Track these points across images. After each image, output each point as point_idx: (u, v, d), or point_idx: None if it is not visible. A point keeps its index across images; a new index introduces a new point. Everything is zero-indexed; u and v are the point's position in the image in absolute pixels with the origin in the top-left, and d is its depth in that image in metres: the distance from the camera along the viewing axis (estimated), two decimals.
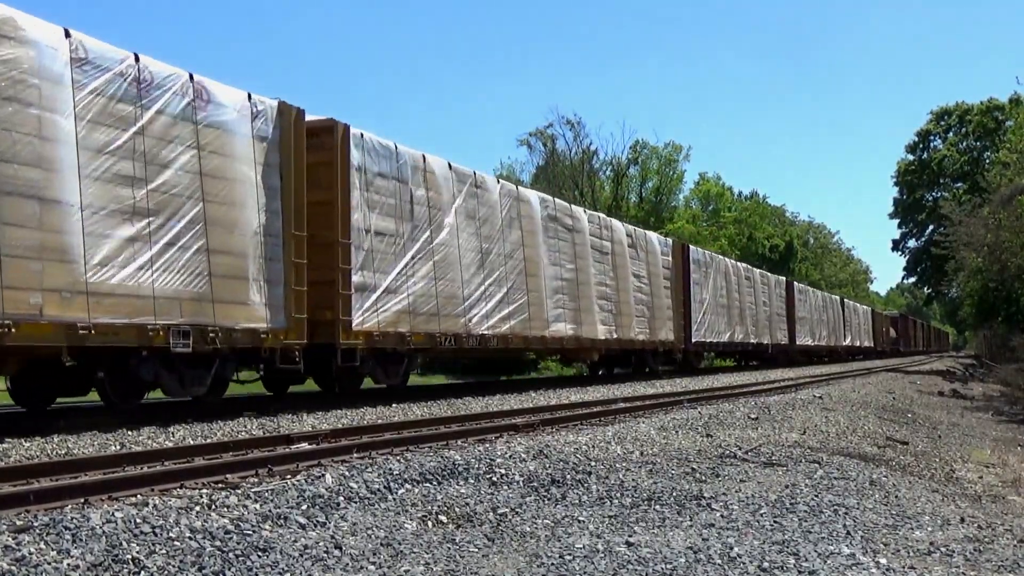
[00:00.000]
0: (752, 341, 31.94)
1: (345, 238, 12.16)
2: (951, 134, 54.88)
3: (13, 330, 7.79)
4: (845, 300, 51.12)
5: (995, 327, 44.02)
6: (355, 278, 12.25)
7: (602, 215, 22.53)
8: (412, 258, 13.45)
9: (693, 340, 25.88)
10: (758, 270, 35.75)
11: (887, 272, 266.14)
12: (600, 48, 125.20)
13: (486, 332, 15.18)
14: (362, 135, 12.61)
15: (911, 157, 57.07)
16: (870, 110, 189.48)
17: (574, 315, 18.51)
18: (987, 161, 45.49)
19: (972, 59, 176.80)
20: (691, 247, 27.70)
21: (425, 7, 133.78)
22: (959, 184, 48.71)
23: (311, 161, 11.74)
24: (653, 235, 24.71)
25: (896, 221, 59.80)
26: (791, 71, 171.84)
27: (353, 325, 12.15)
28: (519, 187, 17.48)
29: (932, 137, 56.23)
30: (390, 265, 12.96)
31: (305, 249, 11.42)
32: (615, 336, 20.59)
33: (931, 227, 52.92)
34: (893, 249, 61.30)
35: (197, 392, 10.45)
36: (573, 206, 19.97)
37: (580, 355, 20.79)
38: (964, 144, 53.56)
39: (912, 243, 58.93)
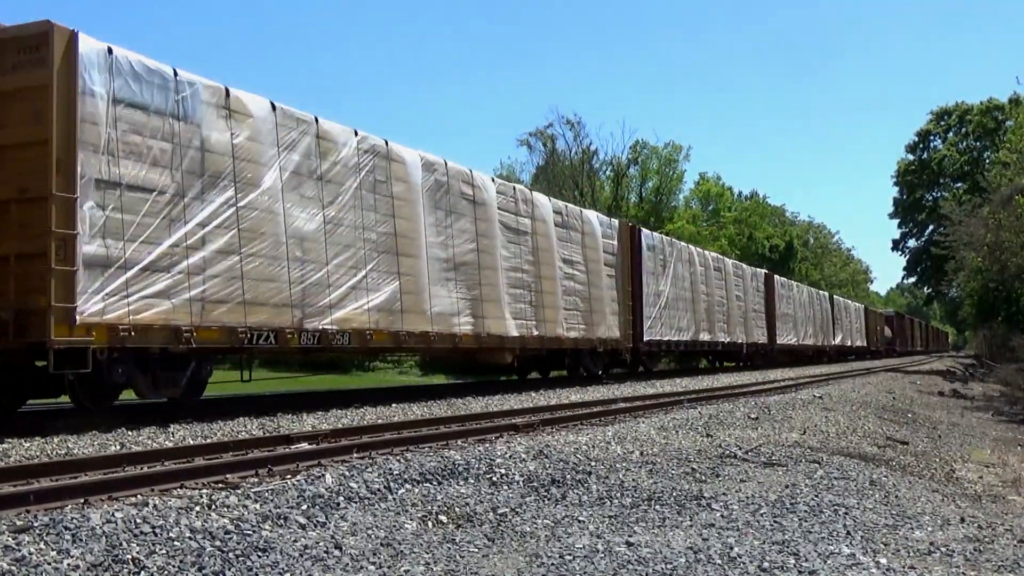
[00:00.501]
0: (722, 340, 28.42)
1: (66, 191, 8.57)
2: (951, 134, 54.91)
3: None
4: (835, 297, 48.35)
5: (995, 327, 44.03)
6: (87, 248, 8.69)
7: (520, 186, 18.43)
8: (200, 225, 9.93)
9: (645, 338, 22.15)
10: (731, 260, 32.57)
11: (887, 272, 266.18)
12: (600, 48, 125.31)
13: (329, 327, 11.60)
14: (110, 51, 9.19)
15: (911, 157, 57.11)
16: (870, 110, 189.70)
17: (472, 306, 14.84)
18: (987, 161, 45.50)
19: (972, 59, 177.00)
20: (644, 230, 23.79)
21: (425, 7, 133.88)
22: (959, 184, 48.72)
23: (17, 85, 8.80)
24: (592, 214, 20.85)
25: (896, 221, 59.86)
26: (791, 71, 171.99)
27: (82, 314, 8.58)
28: (390, 143, 13.35)
29: (932, 137, 56.26)
30: (157, 233, 9.44)
31: None
32: (535, 333, 16.76)
33: (931, 227, 52.95)
34: (893, 249, 61.39)
35: None
36: (477, 172, 15.79)
37: (484, 356, 16.90)
38: (964, 144, 53.58)
39: (912, 243, 58.99)
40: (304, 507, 5.30)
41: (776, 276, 37.23)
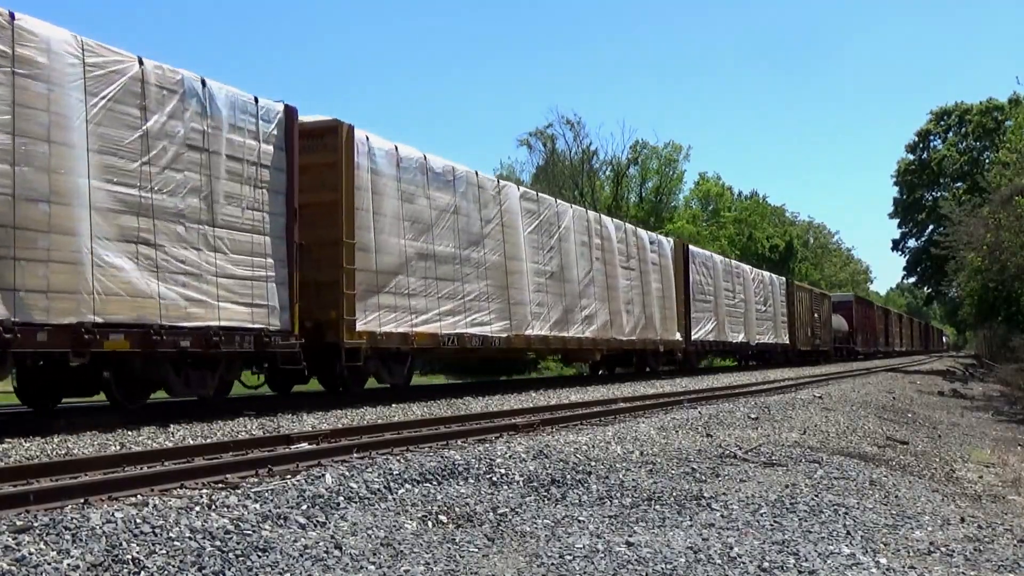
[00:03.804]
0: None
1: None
2: (951, 134, 54.86)
3: None
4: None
5: (995, 327, 44.01)
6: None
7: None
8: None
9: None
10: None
11: (887, 272, 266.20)
12: (600, 48, 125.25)
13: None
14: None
15: (911, 157, 57.07)
16: (870, 110, 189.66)
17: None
18: (987, 161, 45.48)
19: (972, 59, 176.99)
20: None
21: (425, 7, 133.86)
22: (959, 184, 48.68)
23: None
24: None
25: (896, 221, 59.79)
26: (791, 71, 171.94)
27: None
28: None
29: (932, 137, 56.21)
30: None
31: None
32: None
33: (931, 227, 52.89)
34: (893, 249, 61.22)
35: None
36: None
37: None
38: (964, 144, 53.53)
39: (912, 243, 58.89)
40: (304, 507, 5.30)
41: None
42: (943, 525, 5.91)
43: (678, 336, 24.43)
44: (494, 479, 6.55)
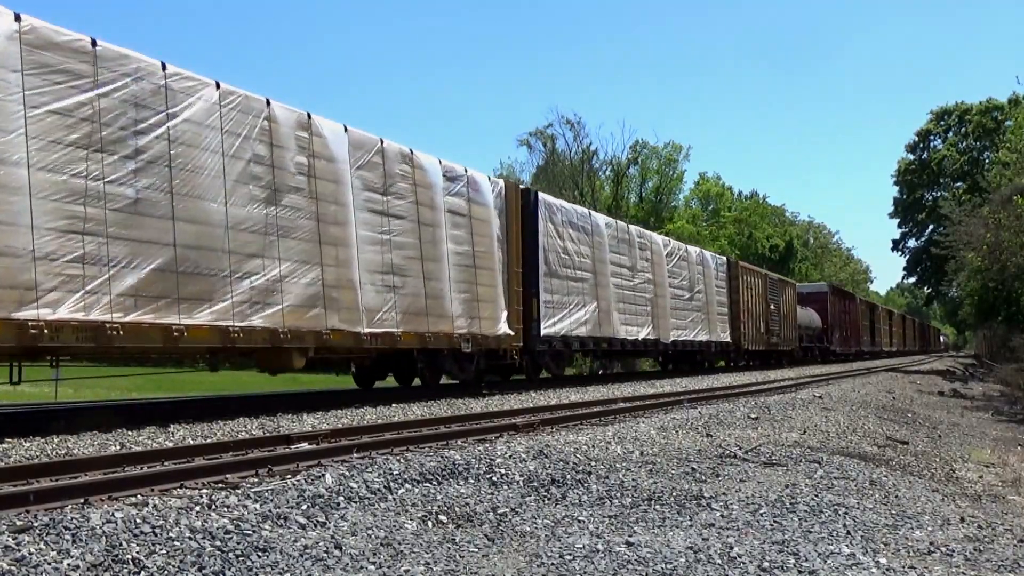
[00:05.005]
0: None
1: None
2: (951, 134, 54.89)
3: None
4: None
5: (995, 327, 44.04)
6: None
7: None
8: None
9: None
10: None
11: (887, 272, 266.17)
12: (600, 48, 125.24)
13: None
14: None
15: (911, 157, 57.10)
16: (870, 110, 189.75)
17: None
18: (987, 161, 45.50)
19: (972, 59, 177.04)
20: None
21: (425, 7, 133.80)
22: (959, 184, 48.70)
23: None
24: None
25: (896, 221, 59.82)
26: (791, 71, 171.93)
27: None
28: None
29: (932, 137, 56.24)
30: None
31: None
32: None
33: (931, 227, 52.91)
34: (893, 249, 61.27)
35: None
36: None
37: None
38: (964, 144, 53.56)
39: (912, 243, 58.91)
40: (304, 507, 5.30)
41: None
42: (943, 525, 5.91)
43: (503, 328, 15.64)
44: (494, 479, 6.54)
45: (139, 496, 5.33)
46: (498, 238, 15.95)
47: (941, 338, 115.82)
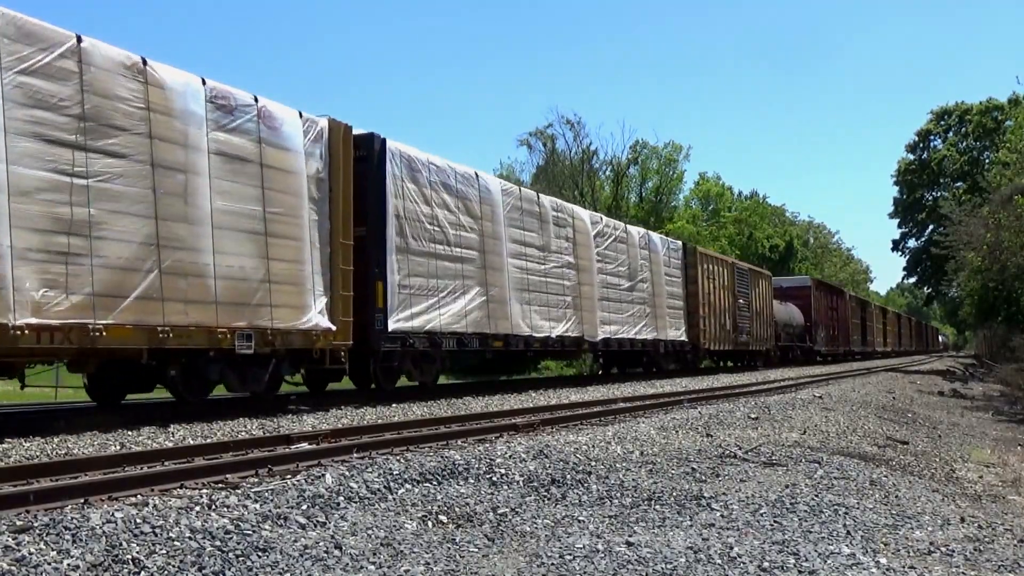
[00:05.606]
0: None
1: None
2: (951, 134, 54.87)
3: None
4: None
5: (995, 327, 44.01)
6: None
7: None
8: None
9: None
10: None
11: (887, 272, 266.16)
12: (600, 48, 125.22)
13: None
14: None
15: (911, 157, 57.07)
16: (870, 110, 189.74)
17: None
18: (987, 161, 45.49)
19: (972, 59, 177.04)
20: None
21: (425, 7, 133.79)
22: (959, 184, 48.69)
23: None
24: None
25: (896, 221, 59.79)
26: (791, 71, 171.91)
27: None
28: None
29: (932, 137, 56.20)
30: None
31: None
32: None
33: (931, 227, 52.88)
34: (893, 249, 61.20)
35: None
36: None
37: None
38: (964, 144, 53.54)
39: (912, 243, 58.88)
40: (304, 507, 5.30)
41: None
42: (943, 525, 5.91)
43: (316, 320, 11.46)
44: (494, 479, 6.54)
45: (139, 496, 5.33)
46: (312, 197, 11.61)
47: (940, 338, 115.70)
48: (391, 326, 13.01)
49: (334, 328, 11.76)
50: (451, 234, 14.66)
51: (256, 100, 10.96)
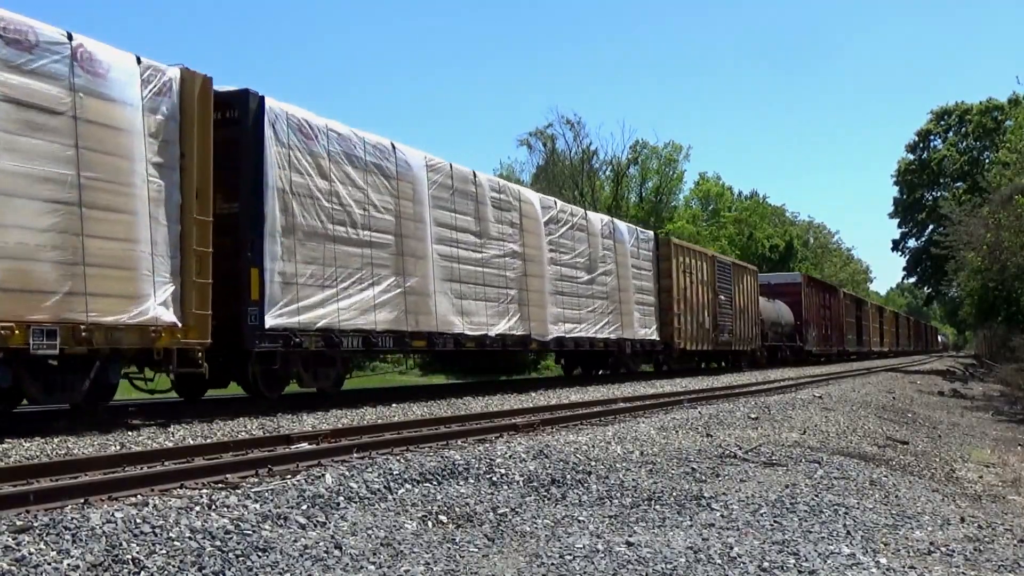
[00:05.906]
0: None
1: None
2: (951, 134, 54.88)
3: None
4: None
5: (995, 327, 44.02)
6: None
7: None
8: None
9: (270, 323, 10.54)
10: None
11: (887, 272, 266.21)
12: (600, 48, 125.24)
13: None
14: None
15: (911, 157, 57.08)
16: (870, 110, 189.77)
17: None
18: (987, 161, 45.49)
19: (972, 59, 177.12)
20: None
21: (425, 7, 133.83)
22: (959, 184, 48.69)
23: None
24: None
25: (896, 221, 59.79)
26: (791, 71, 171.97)
27: None
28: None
29: (932, 137, 56.21)
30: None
31: None
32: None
33: (931, 227, 52.88)
34: (893, 249, 61.20)
35: None
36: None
37: None
38: (964, 144, 53.55)
39: (912, 243, 58.88)
40: (304, 507, 5.30)
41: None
42: (943, 525, 5.91)
43: (156, 313, 9.30)
44: (494, 479, 6.54)
45: (139, 496, 5.33)
46: (154, 162, 9.46)
47: (939, 338, 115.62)
48: (269, 322, 10.78)
49: (178, 323, 9.52)
50: (357, 214, 12.36)
51: (70, 38, 8.70)
